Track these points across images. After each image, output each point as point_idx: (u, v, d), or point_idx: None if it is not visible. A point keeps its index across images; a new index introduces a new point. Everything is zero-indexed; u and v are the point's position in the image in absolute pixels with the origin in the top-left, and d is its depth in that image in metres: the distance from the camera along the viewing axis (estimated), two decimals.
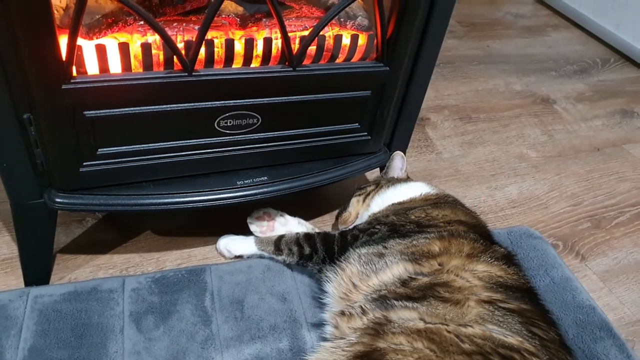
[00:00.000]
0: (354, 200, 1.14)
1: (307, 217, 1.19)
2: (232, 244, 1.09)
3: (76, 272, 1.03)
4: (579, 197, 1.48)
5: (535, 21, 2.51)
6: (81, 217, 1.13)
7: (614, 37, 2.30)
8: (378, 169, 1.22)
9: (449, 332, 0.75)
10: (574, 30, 2.46)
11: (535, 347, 0.75)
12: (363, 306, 0.83)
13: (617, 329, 1.09)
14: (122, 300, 0.95)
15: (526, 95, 1.92)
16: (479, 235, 0.94)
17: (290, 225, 1.12)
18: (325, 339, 0.88)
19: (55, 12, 0.75)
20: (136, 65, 0.79)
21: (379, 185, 1.13)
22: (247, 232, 1.11)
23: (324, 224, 1.24)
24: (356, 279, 0.89)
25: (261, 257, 1.08)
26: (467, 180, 1.47)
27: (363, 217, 1.09)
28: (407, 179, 1.15)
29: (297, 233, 1.05)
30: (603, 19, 2.34)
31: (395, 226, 0.97)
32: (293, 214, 1.16)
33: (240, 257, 1.09)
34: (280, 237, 1.05)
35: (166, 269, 1.05)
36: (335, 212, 1.25)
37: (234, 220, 1.12)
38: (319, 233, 1.03)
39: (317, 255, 1.00)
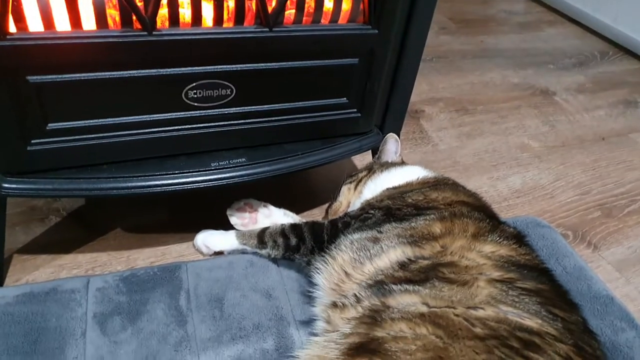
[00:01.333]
0: (344, 188, 1.04)
1: (293, 211, 1.08)
2: (211, 239, 0.98)
3: (35, 274, 0.92)
4: (586, 186, 1.39)
5: (528, 18, 2.46)
6: (43, 215, 1.02)
7: (611, 30, 2.24)
8: (370, 155, 1.12)
9: (457, 315, 0.65)
10: (570, 26, 2.40)
11: (558, 330, 0.65)
12: (357, 294, 0.73)
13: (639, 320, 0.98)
14: (86, 301, 0.84)
15: (524, 87, 1.84)
16: (485, 215, 0.84)
17: (274, 217, 1.02)
18: (316, 335, 0.77)
19: None
20: (89, 24, 0.70)
21: (371, 170, 1.03)
22: (227, 227, 1.00)
23: (313, 217, 1.13)
24: (348, 267, 0.79)
25: (243, 252, 0.97)
26: (466, 171, 1.37)
27: (355, 205, 0.99)
28: (402, 162, 1.06)
29: (283, 224, 0.94)
30: (600, 12, 2.29)
31: (390, 210, 0.87)
32: (278, 207, 1.06)
33: (220, 253, 0.99)
34: (264, 229, 0.95)
35: (137, 267, 0.94)
36: (325, 205, 1.15)
37: (213, 214, 1.01)
38: (306, 222, 0.93)
39: (305, 245, 0.89)
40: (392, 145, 1.05)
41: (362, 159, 1.28)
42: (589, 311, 0.98)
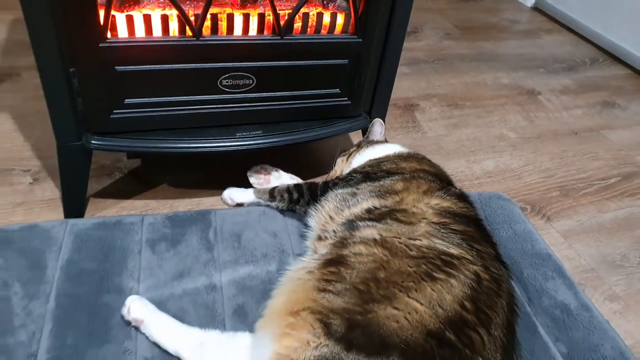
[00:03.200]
0: (339, 160, 1.34)
1: (302, 179, 1.37)
2: (235, 194, 1.29)
3: (104, 211, 1.24)
4: (551, 171, 1.64)
5: (529, 26, 2.69)
6: (110, 171, 1.35)
7: (602, 39, 2.46)
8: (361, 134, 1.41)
9: (400, 243, 0.92)
10: (567, 34, 2.62)
11: (473, 257, 0.91)
12: (335, 229, 1.02)
13: (572, 275, 1.24)
14: (141, 231, 1.16)
15: (513, 87, 2.09)
16: (437, 179, 1.12)
17: (283, 179, 1.32)
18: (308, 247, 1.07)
19: None
20: (157, 32, 1.01)
21: (359, 146, 1.32)
22: (247, 186, 1.31)
23: None
24: (332, 213, 1.08)
25: (258, 204, 1.27)
26: (447, 155, 1.64)
27: (346, 173, 1.28)
28: (385, 141, 1.34)
29: (289, 184, 1.24)
30: (592, 21, 2.50)
31: (368, 174, 1.16)
32: (287, 172, 1.35)
33: (241, 205, 1.29)
34: (275, 187, 1.25)
35: (177, 211, 1.26)
36: (325, 175, 1.45)
37: (237, 176, 1.32)
38: (306, 182, 1.23)
39: (304, 199, 1.19)
40: (377, 127, 1.34)
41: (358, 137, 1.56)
42: (527, 263, 1.24)
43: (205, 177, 1.39)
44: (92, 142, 1.07)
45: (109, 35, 0.96)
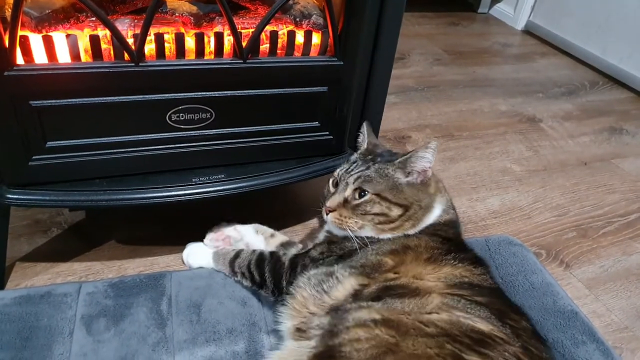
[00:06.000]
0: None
1: (278, 228, 1.15)
2: (192, 257, 1.05)
3: (34, 279, 1.01)
4: (564, 208, 1.44)
5: (522, 49, 2.55)
6: (46, 227, 1.12)
7: (601, 61, 2.31)
8: None
9: (409, 319, 0.70)
10: (562, 57, 2.48)
11: (507, 335, 0.71)
12: (319, 323, 0.78)
13: (604, 335, 1.03)
14: (76, 304, 0.93)
15: (511, 114, 1.91)
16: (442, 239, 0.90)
17: (246, 239, 1.06)
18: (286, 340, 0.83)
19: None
20: (86, 58, 0.80)
21: None
22: None
23: (294, 233, 1.20)
24: (310, 304, 0.82)
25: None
26: None
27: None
28: None
29: (251, 255, 0.98)
30: (590, 44, 2.37)
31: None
32: (263, 225, 1.12)
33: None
34: (235, 258, 1.00)
35: (126, 275, 1.02)
36: (308, 222, 1.24)
37: (200, 228, 1.09)
38: (270, 259, 0.96)
39: (266, 287, 0.94)
40: None
41: None
42: (551, 325, 1.03)
43: (161, 230, 1.16)
44: (8, 196, 0.85)
45: (19, 60, 0.75)
